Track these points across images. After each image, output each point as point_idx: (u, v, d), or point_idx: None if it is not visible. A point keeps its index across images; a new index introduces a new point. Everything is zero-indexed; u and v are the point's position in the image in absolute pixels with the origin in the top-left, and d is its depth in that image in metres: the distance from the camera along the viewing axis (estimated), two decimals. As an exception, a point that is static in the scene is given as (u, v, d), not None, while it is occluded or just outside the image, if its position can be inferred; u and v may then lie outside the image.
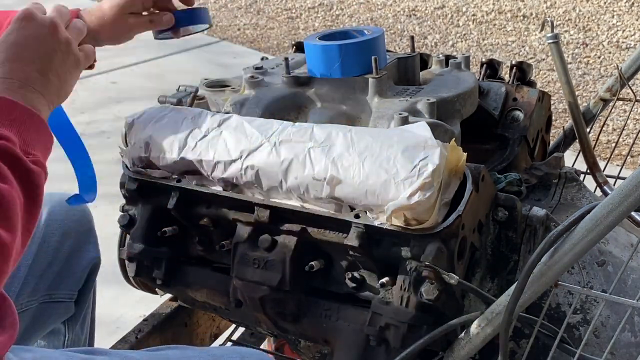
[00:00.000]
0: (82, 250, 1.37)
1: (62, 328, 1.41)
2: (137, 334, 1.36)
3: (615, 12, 4.67)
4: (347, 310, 1.05)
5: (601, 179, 1.43)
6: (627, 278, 1.10)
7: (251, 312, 1.11)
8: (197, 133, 1.07)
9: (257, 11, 5.59)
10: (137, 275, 1.20)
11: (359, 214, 0.96)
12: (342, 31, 1.21)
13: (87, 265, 1.37)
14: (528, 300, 0.87)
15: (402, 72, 1.22)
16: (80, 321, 1.42)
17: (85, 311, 1.42)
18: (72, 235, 1.35)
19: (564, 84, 1.40)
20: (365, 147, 0.96)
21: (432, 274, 0.91)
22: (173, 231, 1.15)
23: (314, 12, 5.41)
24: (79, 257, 1.36)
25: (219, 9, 5.76)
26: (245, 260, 1.06)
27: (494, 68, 1.39)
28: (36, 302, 1.31)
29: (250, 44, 5.03)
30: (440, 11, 5.12)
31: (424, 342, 0.93)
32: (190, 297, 1.20)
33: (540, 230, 1.04)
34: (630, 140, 3.19)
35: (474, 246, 1.01)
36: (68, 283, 1.35)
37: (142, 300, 1.75)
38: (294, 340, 1.32)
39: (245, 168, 1.02)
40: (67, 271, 1.35)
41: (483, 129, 1.27)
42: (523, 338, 1.06)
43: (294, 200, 1.02)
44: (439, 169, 0.91)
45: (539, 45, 4.39)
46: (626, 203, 0.76)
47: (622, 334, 1.06)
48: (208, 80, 1.29)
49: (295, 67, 1.25)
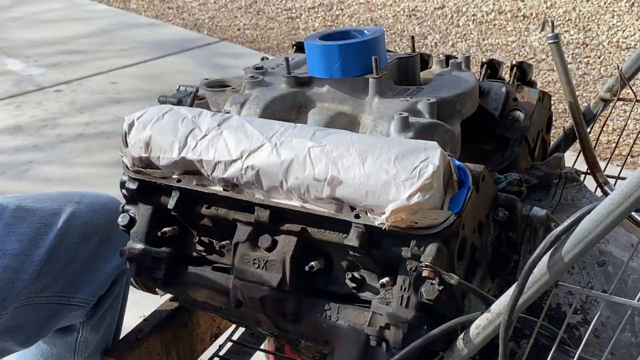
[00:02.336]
0: (106, 255, 1.35)
1: (77, 325, 1.41)
2: (137, 334, 1.36)
3: (615, 12, 4.67)
4: (347, 310, 1.05)
5: (601, 179, 1.43)
6: (627, 278, 1.10)
7: (251, 312, 1.11)
8: (198, 133, 1.07)
9: (257, 11, 5.60)
10: (137, 276, 1.20)
11: (359, 214, 0.96)
12: (342, 31, 1.21)
13: (111, 270, 1.36)
14: (528, 300, 0.87)
15: (403, 72, 1.22)
16: (96, 324, 1.41)
17: (103, 315, 1.40)
18: (94, 240, 1.34)
19: (564, 84, 1.40)
20: (366, 148, 0.96)
21: (432, 274, 0.91)
22: (173, 231, 1.15)
23: (314, 12, 5.41)
24: (101, 262, 1.35)
25: (219, 9, 5.76)
26: (245, 261, 1.06)
27: (495, 68, 1.38)
28: (46, 299, 1.31)
29: (250, 44, 5.03)
30: (440, 11, 5.12)
31: (423, 342, 0.93)
32: (190, 297, 1.20)
33: (540, 230, 1.04)
34: (630, 140, 3.19)
35: (474, 246, 1.01)
36: (87, 288, 1.34)
37: (142, 300, 1.75)
38: (294, 341, 1.32)
39: (246, 168, 1.02)
40: (87, 276, 1.34)
41: (483, 129, 1.27)
42: (523, 338, 1.06)
43: (295, 200, 1.02)
44: (439, 171, 0.91)
45: (539, 45, 4.39)
46: (626, 203, 0.76)
47: (622, 334, 1.06)
48: (208, 80, 1.29)
49: (296, 67, 1.25)
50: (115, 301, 1.41)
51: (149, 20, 5.78)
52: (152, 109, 1.14)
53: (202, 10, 5.81)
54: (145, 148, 1.10)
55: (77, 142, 3.69)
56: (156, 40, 5.20)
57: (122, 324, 1.49)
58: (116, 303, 1.42)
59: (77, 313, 1.36)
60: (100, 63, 4.74)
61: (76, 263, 1.32)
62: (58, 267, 1.30)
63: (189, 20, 5.65)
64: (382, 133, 1.08)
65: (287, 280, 1.04)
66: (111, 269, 1.36)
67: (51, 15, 5.98)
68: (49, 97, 4.28)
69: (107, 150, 3.50)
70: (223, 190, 1.07)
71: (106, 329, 1.43)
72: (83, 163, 3.46)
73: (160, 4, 6.07)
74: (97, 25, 5.64)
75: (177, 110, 1.12)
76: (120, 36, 5.32)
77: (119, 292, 1.41)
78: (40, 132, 3.80)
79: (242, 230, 1.07)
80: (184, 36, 5.32)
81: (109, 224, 1.35)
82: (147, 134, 1.10)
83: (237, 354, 1.53)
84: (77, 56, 4.93)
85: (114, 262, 1.36)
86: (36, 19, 5.88)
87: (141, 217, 1.17)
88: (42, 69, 4.74)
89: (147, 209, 1.16)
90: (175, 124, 1.09)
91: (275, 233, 1.05)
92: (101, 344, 1.43)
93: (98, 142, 3.66)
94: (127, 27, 5.57)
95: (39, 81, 4.52)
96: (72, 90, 4.36)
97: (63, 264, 1.30)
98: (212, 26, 5.44)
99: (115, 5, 6.21)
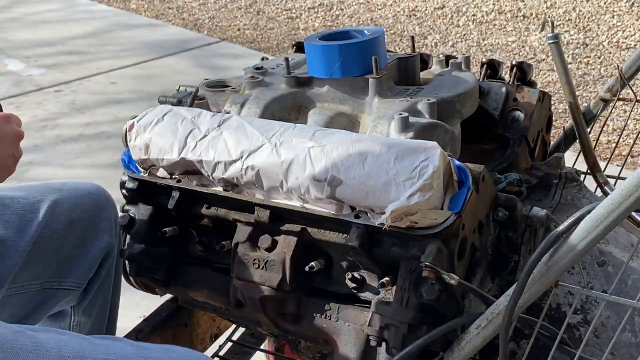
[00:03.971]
0: (93, 238, 1.38)
1: (69, 310, 1.43)
2: (137, 334, 1.36)
3: (615, 12, 4.67)
4: (347, 310, 1.05)
5: (601, 179, 1.43)
6: (627, 278, 1.10)
7: (251, 313, 1.11)
8: (197, 133, 1.07)
9: (257, 11, 5.59)
10: (137, 276, 1.20)
11: (359, 214, 0.96)
12: (342, 31, 1.21)
13: (98, 253, 1.39)
14: (528, 300, 0.87)
15: (403, 72, 1.22)
16: (87, 307, 1.43)
17: (94, 297, 1.43)
18: (80, 225, 1.36)
19: (564, 84, 1.40)
20: (366, 148, 0.96)
21: (432, 274, 0.91)
22: (173, 231, 1.15)
23: (314, 12, 5.41)
24: (89, 245, 1.38)
25: (219, 9, 5.76)
26: (245, 261, 1.06)
27: (495, 68, 1.38)
28: (39, 286, 1.33)
29: (250, 44, 5.03)
30: (440, 11, 5.12)
31: (423, 342, 0.93)
32: (190, 298, 1.20)
33: (540, 230, 1.04)
34: (630, 140, 3.19)
35: (474, 246, 1.01)
36: (77, 272, 1.38)
37: (142, 300, 1.74)
38: (294, 341, 1.32)
39: (246, 168, 1.02)
40: (76, 260, 1.37)
41: (483, 129, 1.27)
42: (523, 338, 1.06)
43: (295, 200, 1.02)
44: (439, 171, 0.91)
45: (539, 46, 4.39)
46: (626, 203, 0.76)
47: (622, 335, 1.06)
48: (208, 81, 1.29)
49: (296, 67, 1.25)
50: (105, 284, 1.43)
51: (149, 20, 5.78)
52: (151, 111, 1.14)
53: (202, 10, 5.81)
54: (145, 150, 1.10)
55: (77, 142, 3.69)
56: (156, 41, 5.19)
57: (119, 306, 1.50)
58: (106, 285, 1.44)
59: (69, 298, 1.39)
60: (100, 63, 4.74)
61: (65, 248, 1.35)
62: (47, 253, 1.32)
63: (189, 20, 5.65)
64: (382, 133, 1.08)
65: (287, 280, 1.04)
66: (97, 252, 1.39)
67: (51, 15, 5.98)
68: (49, 97, 4.27)
69: (107, 151, 3.49)
70: (223, 191, 1.07)
71: (98, 311, 1.45)
72: (83, 163, 3.46)
73: (160, 4, 6.07)
74: (97, 25, 5.64)
75: (177, 111, 1.12)
76: (120, 36, 5.31)
77: (107, 274, 1.43)
78: (40, 132, 3.79)
79: (242, 230, 1.07)
80: (184, 36, 5.31)
81: (94, 207, 1.38)
82: (147, 136, 1.10)
83: (237, 354, 1.53)
84: (77, 56, 4.93)
85: (100, 244, 1.39)
86: (36, 19, 5.88)
87: (141, 217, 1.17)
88: (42, 69, 4.74)
89: (147, 209, 1.16)
90: (175, 125, 1.09)
91: (275, 233, 1.05)
92: (95, 327, 1.45)
93: (98, 142, 3.65)
94: (127, 27, 5.56)
95: (39, 81, 4.52)
96: (72, 91, 4.35)
97: (52, 249, 1.33)
98: (212, 26, 5.44)
99: (115, 6, 6.20)
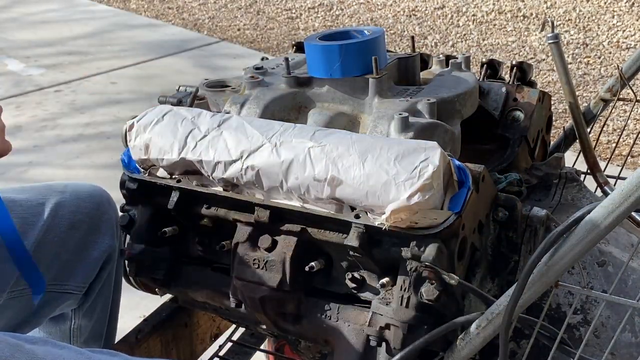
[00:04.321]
0: (94, 242, 1.38)
1: (70, 313, 1.43)
2: (137, 334, 1.36)
3: (615, 12, 4.67)
4: (347, 310, 1.05)
5: (602, 179, 1.43)
6: (627, 278, 1.10)
7: (251, 313, 1.10)
8: (197, 133, 1.07)
9: (257, 11, 5.60)
10: (137, 276, 1.20)
11: (359, 214, 0.96)
12: (342, 31, 1.21)
13: (99, 257, 1.38)
14: (528, 300, 0.87)
15: (403, 72, 1.22)
16: (88, 310, 1.43)
17: (95, 301, 1.43)
18: (82, 228, 1.36)
19: (564, 84, 1.40)
20: (366, 148, 0.96)
21: (432, 274, 0.91)
22: (173, 231, 1.15)
23: (314, 12, 5.41)
24: (90, 249, 1.37)
25: (219, 9, 5.76)
26: (245, 261, 1.06)
27: (495, 68, 1.38)
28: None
29: (250, 45, 5.03)
30: (440, 11, 5.12)
31: (423, 342, 0.93)
32: (190, 298, 1.20)
33: (540, 230, 1.04)
34: (630, 140, 3.19)
35: (474, 246, 1.01)
36: (79, 275, 1.37)
37: (142, 300, 1.74)
38: (294, 341, 1.32)
39: (246, 168, 1.02)
40: (78, 263, 1.37)
41: (483, 129, 1.27)
42: (523, 338, 1.06)
43: (295, 200, 1.01)
44: (439, 171, 0.91)
45: (539, 46, 4.39)
46: (627, 203, 0.76)
47: (622, 335, 1.06)
48: (208, 81, 1.29)
49: (296, 67, 1.25)
50: (106, 287, 1.43)
51: (148, 20, 5.78)
52: (151, 111, 1.14)
53: (202, 10, 5.81)
54: (145, 150, 1.10)
55: (76, 142, 3.69)
56: (156, 41, 5.20)
57: (119, 308, 1.50)
58: (107, 288, 1.44)
59: (70, 301, 1.39)
60: (100, 63, 4.74)
61: (66, 251, 1.34)
62: (49, 256, 1.32)
63: (189, 20, 5.65)
64: (382, 133, 1.08)
65: (287, 280, 1.04)
66: (99, 255, 1.38)
67: (51, 15, 5.98)
68: (49, 97, 4.28)
69: (107, 151, 3.49)
70: (223, 191, 1.07)
71: (99, 314, 1.45)
72: (83, 163, 3.46)
73: (160, 4, 6.07)
74: (97, 25, 5.64)
75: (177, 111, 1.12)
76: (120, 36, 5.32)
77: (108, 277, 1.42)
78: (40, 132, 3.80)
79: (242, 230, 1.07)
80: (183, 36, 5.32)
81: (95, 211, 1.38)
82: (147, 136, 1.10)
83: (237, 354, 1.53)
84: (76, 56, 4.93)
85: (101, 247, 1.38)
86: (36, 19, 5.89)
87: (141, 217, 1.17)
88: (41, 69, 4.74)
89: (147, 209, 1.16)
90: (174, 125, 1.09)
91: (275, 233, 1.05)
92: (95, 330, 1.45)
93: (98, 143, 3.66)
94: (127, 27, 5.57)
95: (39, 81, 4.52)
96: (71, 91, 4.36)
97: (53, 253, 1.32)
98: (212, 26, 5.44)
99: (115, 6, 6.20)
